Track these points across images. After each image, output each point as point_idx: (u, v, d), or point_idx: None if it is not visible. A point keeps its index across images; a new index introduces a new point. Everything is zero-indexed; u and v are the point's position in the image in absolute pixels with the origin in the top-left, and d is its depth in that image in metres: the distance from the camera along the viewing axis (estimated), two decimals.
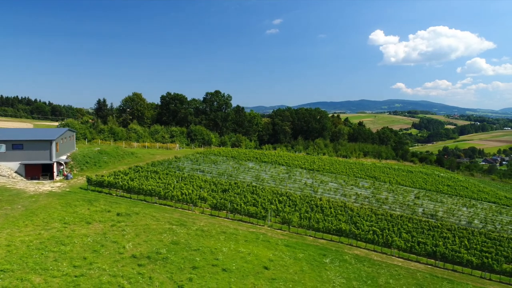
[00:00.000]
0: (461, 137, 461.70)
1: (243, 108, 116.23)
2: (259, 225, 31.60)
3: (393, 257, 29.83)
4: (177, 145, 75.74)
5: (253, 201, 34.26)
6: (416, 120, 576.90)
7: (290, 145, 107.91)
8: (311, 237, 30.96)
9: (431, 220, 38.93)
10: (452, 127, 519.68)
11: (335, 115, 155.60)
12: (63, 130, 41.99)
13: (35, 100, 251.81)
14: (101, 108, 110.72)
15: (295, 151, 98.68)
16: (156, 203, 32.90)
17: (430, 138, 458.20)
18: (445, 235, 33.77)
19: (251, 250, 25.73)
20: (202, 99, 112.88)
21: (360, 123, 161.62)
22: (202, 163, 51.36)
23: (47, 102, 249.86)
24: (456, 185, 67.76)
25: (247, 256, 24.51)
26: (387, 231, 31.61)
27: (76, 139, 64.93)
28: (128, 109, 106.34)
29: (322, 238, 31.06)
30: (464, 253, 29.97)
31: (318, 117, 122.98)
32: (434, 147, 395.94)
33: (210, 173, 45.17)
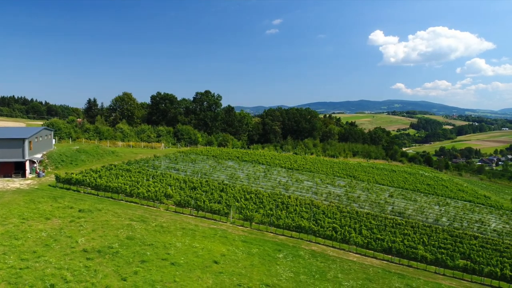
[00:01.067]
0: (459, 138, 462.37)
1: (233, 108, 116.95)
2: (222, 222, 32.34)
3: (350, 253, 30.55)
4: (163, 144, 76.49)
5: (219, 198, 35.00)
6: (414, 120, 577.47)
7: (279, 145, 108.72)
8: (272, 233, 31.68)
9: (397, 217, 39.64)
10: (450, 127, 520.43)
11: (327, 115, 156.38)
12: (38, 129, 42.73)
13: (31, 99, 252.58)
14: (91, 107, 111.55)
15: (284, 151, 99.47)
16: (122, 200, 33.65)
17: (428, 139, 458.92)
18: (406, 232, 34.49)
19: (205, 245, 26.47)
20: (192, 99, 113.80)
21: (352, 124, 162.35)
22: (180, 162, 52.11)
23: (43, 102, 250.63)
24: (437, 184, 68.47)
25: (200, 251, 25.25)
26: (347, 228, 32.32)
27: (60, 138, 65.93)
28: (118, 109, 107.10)
29: (283, 235, 31.79)
30: (420, 249, 30.69)
31: (309, 117, 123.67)
32: (431, 147, 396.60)
33: (185, 172, 45.91)
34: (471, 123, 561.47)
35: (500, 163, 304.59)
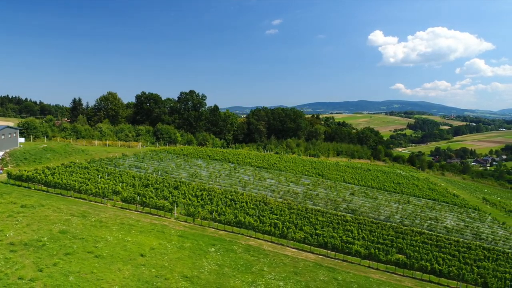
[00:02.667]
0: (455, 138, 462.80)
1: (217, 107, 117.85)
2: (166, 218, 33.24)
3: (288, 248, 31.42)
4: (140, 143, 77.40)
5: (169, 195, 35.87)
6: (412, 120, 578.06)
7: (262, 145, 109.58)
8: (213, 229, 32.56)
9: (348, 215, 40.48)
10: (447, 127, 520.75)
11: (314, 115, 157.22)
12: (0, 128, 43.64)
13: (26, 99, 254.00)
14: (76, 107, 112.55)
15: (267, 150, 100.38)
16: (71, 196, 34.55)
17: (424, 139, 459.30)
18: (349, 228, 35.34)
19: (138, 239, 27.35)
20: (177, 98, 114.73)
21: (340, 124, 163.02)
22: (146, 160, 53.03)
23: (38, 102, 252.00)
24: (408, 183, 69.29)
25: (130, 245, 26.12)
26: (288, 223, 33.22)
27: (35, 137, 66.81)
28: (103, 108, 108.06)
29: (224, 230, 32.67)
30: (356, 244, 31.55)
31: (294, 117, 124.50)
32: (427, 148, 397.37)
33: (146, 170, 46.81)
34: (468, 123, 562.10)
35: (494, 163, 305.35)
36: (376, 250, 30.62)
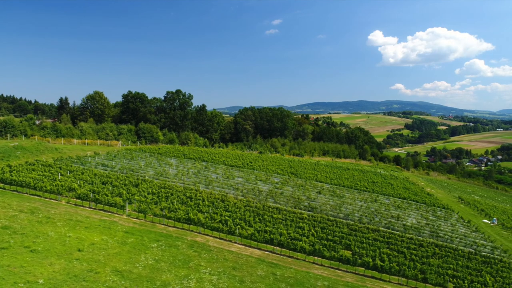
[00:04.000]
0: (452, 138, 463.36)
1: (204, 107, 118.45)
2: (118, 214, 33.79)
3: (235, 244, 31.95)
4: (120, 142, 77.98)
5: (124, 192, 36.40)
6: (409, 121, 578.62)
7: (248, 144, 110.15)
8: (163, 225, 33.13)
9: (307, 212, 41.02)
10: (444, 128, 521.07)
11: (304, 115, 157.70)
12: None
13: (20, 98, 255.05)
14: (63, 106, 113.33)
15: (251, 150, 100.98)
16: (27, 193, 35.13)
17: (421, 139, 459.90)
18: (301, 225, 35.86)
19: (81, 235, 27.91)
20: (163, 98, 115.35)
21: (328, 123, 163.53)
22: (116, 159, 53.58)
23: (32, 101, 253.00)
24: (384, 182, 69.76)
25: (70, 240, 26.67)
26: (238, 220, 33.75)
27: (13, 136, 67.45)
28: (89, 108, 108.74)
29: (174, 226, 33.23)
30: (303, 241, 32.08)
31: (280, 116, 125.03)
32: (423, 148, 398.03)
33: (113, 168, 47.35)
34: (466, 124, 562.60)
35: (489, 163, 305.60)
36: (321, 247, 31.14)
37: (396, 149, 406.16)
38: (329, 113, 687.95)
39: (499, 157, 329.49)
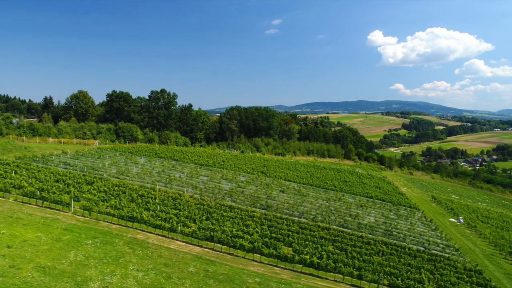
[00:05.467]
0: (449, 138, 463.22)
1: (189, 106, 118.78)
2: (64, 212, 34.14)
3: (176, 241, 32.25)
4: (97, 141, 78.36)
5: (73, 190, 36.75)
6: (407, 121, 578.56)
7: (232, 143, 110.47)
8: (107, 223, 33.45)
9: (261, 210, 41.33)
10: (442, 127, 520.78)
11: (293, 114, 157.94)
12: None
13: (14, 97, 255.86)
14: (47, 105, 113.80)
15: (235, 149, 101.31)
16: None
17: (417, 139, 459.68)
18: (248, 223, 36.16)
19: (16, 232, 28.25)
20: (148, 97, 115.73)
21: (316, 123, 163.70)
22: (82, 157, 53.95)
23: (27, 100, 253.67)
24: (358, 181, 70.01)
25: (3, 237, 26.98)
26: (183, 218, 34.08)
27: None
28: (73, 107, 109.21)
29: (118, 224, 33.55)
30: (247, 238, 32.38)
31: (266, 116, 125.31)
32: (419, 148, 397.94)
33: (74, 166, 47.69)
34: (463, 124, 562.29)
35: (484, 163, 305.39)
36: (261, 244, 31.44)
37: (392, 149, 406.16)
38: (327, 113, 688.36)
39: (494, 157, 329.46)
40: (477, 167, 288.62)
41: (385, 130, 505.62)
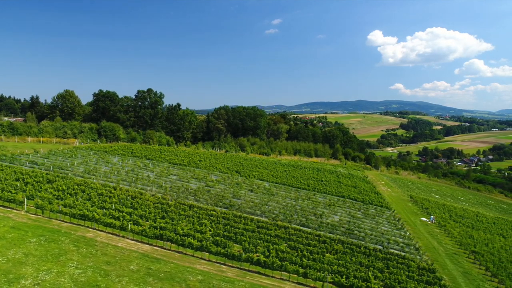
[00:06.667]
0: (446, 138, 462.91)
1: (176, 106, 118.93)
2: (17, 210, 34.31)
3: (127, 240, 32.34)
4: (77, 140, 78.58)
5: (30, 188, 36.92)
6: (405, 120, 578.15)
7: (218, 143, 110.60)
8: (59, 221, 33.59)
9: (221, 209, 41.43)
10: (439, 127, 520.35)
11: (282, 114, 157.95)
12: None
13: (9, 97, 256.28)
14: (33, 104, 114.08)
15: (220, 149, 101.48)
16: None
17: (415, 139, 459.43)
18: (204, 221, 36.31)
19: None
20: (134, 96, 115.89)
21: (306, 123, 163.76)
22: (52, 157, 54.15)
23: (22, 100, 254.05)
24: (335, 181, 70.10)
25: None
26: (135, 216, 34.23)
27: None
28: (59, 106, 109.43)
29: (70, 222, 33.70)
30: (198, 237, 32.52)
31: (253, 115, 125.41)
32: (415, 148, 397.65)
33: (41, 165, 47.88)
34: (461, 123, 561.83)
35: (479, 163, 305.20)
36: (209, 243, 31.57)
37: (389, 149, 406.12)
38: (325, 113, 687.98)
39: (490, 157, 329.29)
40: (472, 167, 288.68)
41: (382, 130, 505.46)
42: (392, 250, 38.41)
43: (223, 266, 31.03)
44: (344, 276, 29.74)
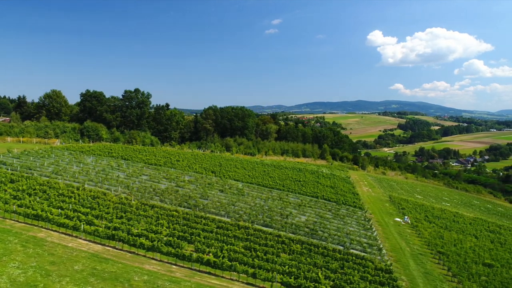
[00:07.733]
0: (443, 138, 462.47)
1: (164, 106, 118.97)
2: None
3: (80, 240, 32.28)
4: (58, 140, 78.64)
5: None
6: (403, 121, 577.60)
7: (205, 143, 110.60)
8: (13, 221, 33.58)
9: (183, 209, 41.43)
10: (437, 128, 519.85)
11: (272, 114, 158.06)
12: None
13: (4, 96, 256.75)
14: (20, 104, 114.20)
15: (207, 149, 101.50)
16: None
17: (412, 139, 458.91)
18: (161, 222, 36.29)
19: None
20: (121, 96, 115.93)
21: (297, 123, 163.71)
22: (23, 157, 54.19)
23: (16, 99, 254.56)
24: (313, 181, 70.01)
25: None
26: (90, 216, 34.22)
27: None
28: (46, 106, 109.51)
29: (25, 222, 33.68)
30: (151, 237, 32.51)
31: (241, 116, 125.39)
32: (412, 148, 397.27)
33: (11, 166, 47.92)
34: (459, 124, 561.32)
35: (475, 163, 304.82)
36: (160, 243, 31.54)
37: (386, 149, 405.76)
38: (325, 113, 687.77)
39: (486, 157, 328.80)
40: (468, 167, 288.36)
41: (380, 130, 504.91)
42: (352, 251, 38.35)
43: (174, 266, 30.97)
44: (293, 277, 29.69)
